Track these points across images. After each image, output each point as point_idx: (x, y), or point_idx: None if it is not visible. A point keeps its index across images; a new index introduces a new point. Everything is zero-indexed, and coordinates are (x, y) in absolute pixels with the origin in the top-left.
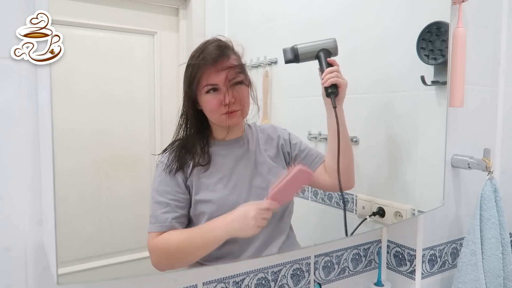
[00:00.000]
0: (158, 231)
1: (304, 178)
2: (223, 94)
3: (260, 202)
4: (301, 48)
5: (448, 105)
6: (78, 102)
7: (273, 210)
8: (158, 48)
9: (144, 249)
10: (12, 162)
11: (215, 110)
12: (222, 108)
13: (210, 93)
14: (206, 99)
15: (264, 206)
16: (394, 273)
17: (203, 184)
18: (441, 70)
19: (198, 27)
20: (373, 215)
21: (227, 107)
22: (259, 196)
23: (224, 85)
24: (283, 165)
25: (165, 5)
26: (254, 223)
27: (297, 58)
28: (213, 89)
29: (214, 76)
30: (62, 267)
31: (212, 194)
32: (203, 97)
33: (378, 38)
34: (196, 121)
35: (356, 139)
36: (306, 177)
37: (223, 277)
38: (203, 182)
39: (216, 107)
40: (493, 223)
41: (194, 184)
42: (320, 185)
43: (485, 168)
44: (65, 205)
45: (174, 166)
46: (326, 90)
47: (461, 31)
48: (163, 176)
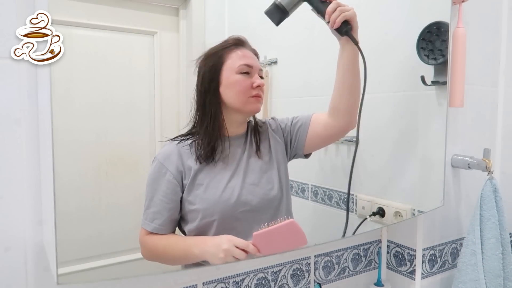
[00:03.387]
0: (147, 229)
1: (296, 236)
2: (254, 77)
3: (241, 240)
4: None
5: (448, 105)
6: (78, 102)
7: (250, 255)
8: (158, 48)
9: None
10: (12, 162)
11: (246, 91)
12: (252, 90)
13: (243, 75)
14: (237, 80)
15: (241, 245)
16: (394, 273)
17: (199, 183)
18: (441, 70)
19: (198, 27)
20: (373, 215)
21: (258, 89)
22: (252, 193)
23: (257, 70)
24: (282, 160)
25: (165, 5)
26: (222, 256)
27: (285, 11)
28: (246, 72)
29: (249, 58)
30: (62, 267)
31: (207, 193)
32: (234, 77)
33: (378, 38)
34: (212, 116)
35: (356, 139)
36: (298, 236)
37: (223, 277)
38: (199, 180)
39: (247, 89)
40: (493, 223)
41: (189, 182)
42: (323, 133)
43: (485, 168)
44: (65, 205)
45: (175, 164)
46: (339, 30)
47: (461, 31)
48: (161, 173)
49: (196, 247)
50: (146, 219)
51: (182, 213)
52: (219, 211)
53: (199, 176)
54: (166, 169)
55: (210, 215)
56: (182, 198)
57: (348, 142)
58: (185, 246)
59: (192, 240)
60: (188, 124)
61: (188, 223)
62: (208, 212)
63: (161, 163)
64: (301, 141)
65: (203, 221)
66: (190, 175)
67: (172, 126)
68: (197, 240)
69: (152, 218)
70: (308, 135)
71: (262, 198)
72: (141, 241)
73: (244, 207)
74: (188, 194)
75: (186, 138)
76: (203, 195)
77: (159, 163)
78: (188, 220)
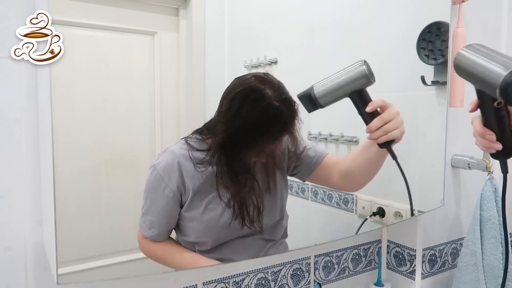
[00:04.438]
0: (144, 235)
1: None
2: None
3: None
4: (319, 91)
5: (448, 105)
6: (78, 102)
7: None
8: (158, 48)
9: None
10: (12, 162)
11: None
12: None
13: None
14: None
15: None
16: (394, 273)
17: (197, 204)
18: (441, 70)
19: (198, 27)
20: (373, 215)
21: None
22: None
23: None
24: (283, 183)
25: (165, 5)
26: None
27: (319, 106)
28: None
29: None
30: (62, 267)
31: (204, 215)
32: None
33: (378, 38)
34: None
35: (356, 139)
36: None
37: (223, 277)
38: (197, 201)
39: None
40: (493, 223)
41: (188, 201)
42: (327, 180)
43: (485, 168)
44: (65, 205)
45: (176, 181)
46: (379, 144)
47: (461, 31)
48: (160, 186)
49: (191, 265)
50: (144, 223)
51: (179, 223)
52: (216, 234)
53: (197, 197)
54: (166, 184)
55: (205, 237)
56: (180, 212)
57: (348, 142)
58: (182, 260)
59: (188, 257)
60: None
61: (183, 235)
62: (203, 233)
63: (161, 176)
64: (303, 175)
65: (198, 239)
66: (190, 194)
67: (172, 126)
68: (193, 258)
69: (149, 225)
70: (313, 174)
71: (262, 225)
72: (140, 242)
73: (242, 233)
74: (186, 212)
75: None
76: (201, 217)
77: (159, 176)
78: (184, 233)
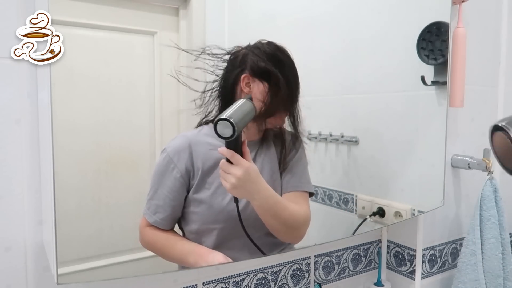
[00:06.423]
0: (148, 220)
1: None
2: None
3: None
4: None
5: (448, 105)
6: (78, 102)
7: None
8: (158, 48)
9: (144, 249)
10: (12, 162)
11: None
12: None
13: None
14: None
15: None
16: (394, 273)
17: (206, 186)
18: (441, 70)
19: (198, 27)
20: (373, 215)
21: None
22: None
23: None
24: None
25: (165, 5)
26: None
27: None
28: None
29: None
30: (62, 267)
31: (212, 199)
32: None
33: (378, 38)
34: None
35: (356, 139)
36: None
37: (223, 277)
38: (206, 183)
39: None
40: (493, 223)
41: (196, 183)
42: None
43: (485, 168)
44: (65, 205)
45: (185, 162)
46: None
47: (461, 31)
48: (169, 168)
49: (192, 256)
50: (149, 209)
51: (184, 211)
52: (222, 220)
53: (207, 179)
54: (174, 165)
55: (212, 223)
56: (187, 197)
57: (348, 142)
58: (183, 251)
59: (190, 247)
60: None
61: (188, 224)
62: (210, 219)
63: (170, 158)
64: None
65: (203, 227)
66: (198, 176)
67: (172, 126)
68: (194, 249)
69: (154, 210)
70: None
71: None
72: (141, 231)
73: (248, 220)
74: (193, 195)
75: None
76: (209, 199)
77: (168, 157)
78: (189, 221)
